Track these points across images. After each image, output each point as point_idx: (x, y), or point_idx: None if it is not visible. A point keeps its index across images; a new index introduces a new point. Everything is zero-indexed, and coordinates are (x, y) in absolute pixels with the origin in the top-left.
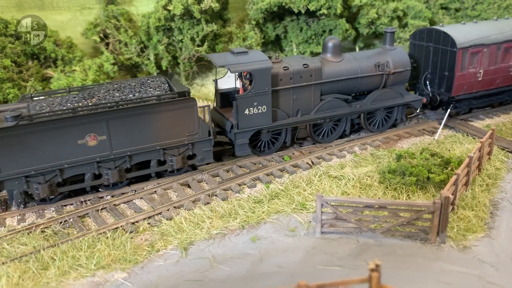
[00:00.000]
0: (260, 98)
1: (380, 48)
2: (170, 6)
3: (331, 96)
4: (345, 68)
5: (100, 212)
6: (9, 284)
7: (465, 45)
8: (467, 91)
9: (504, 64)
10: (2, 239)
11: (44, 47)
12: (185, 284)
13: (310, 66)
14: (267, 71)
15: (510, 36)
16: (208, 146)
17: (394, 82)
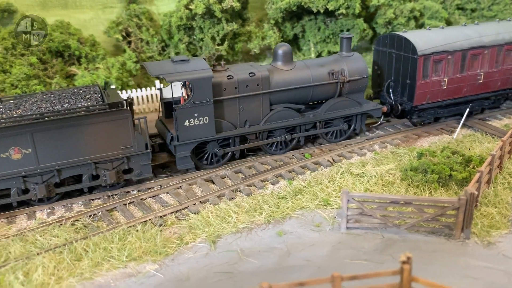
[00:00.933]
0: (201, 109)
1: (336, 55)
2: (192, 5)
3: (282, 106)
4: (296, 77)
5: (127, 206)
6: (45, 273)
7: (427, 52)
8: (431, 100)
9: (471, 72)
10: (34, 231)
11: (68, 44)
12: (215, 276)
13: (256, 75)
14: (207, 80)
15: (476, 43)
16: (146, 160)
17: (351, 90)
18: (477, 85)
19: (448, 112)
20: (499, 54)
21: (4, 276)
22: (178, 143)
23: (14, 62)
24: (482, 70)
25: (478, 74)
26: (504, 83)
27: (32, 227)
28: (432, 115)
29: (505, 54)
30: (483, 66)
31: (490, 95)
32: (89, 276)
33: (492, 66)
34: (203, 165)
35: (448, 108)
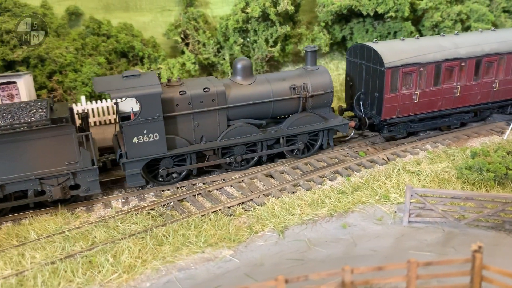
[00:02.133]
0: (150, 125)
1: (301, 69)
2: (248, 8)
3: (241, 121)
4: (255, 92)
5: (196, 197)
6: (131, 256)
7: (395, 64)
8: (401, 114)
9: (446, 85)
10: (114, 218)
11: (133, 46)
12: (287, 262)
13: (211, 90)
14: (155, 96)
15: (451, 55)
16: (93, 176)
17: (315, 105)
18: (454, 98)
19: (423, 126)
20: (478, 67)
21: (95, 258)
22: (126, 160)
23: (84, 61)
24: (459, 83)
25: (455, 87)
26: (484, 97)
27: (110, 215)
28: (405, 129)
29: (485, 67)
30: (460, 79)
31: (469, 109)
32: (171, 260)
33: (470, 79)
34: (158, 182)
35: (423, 122)
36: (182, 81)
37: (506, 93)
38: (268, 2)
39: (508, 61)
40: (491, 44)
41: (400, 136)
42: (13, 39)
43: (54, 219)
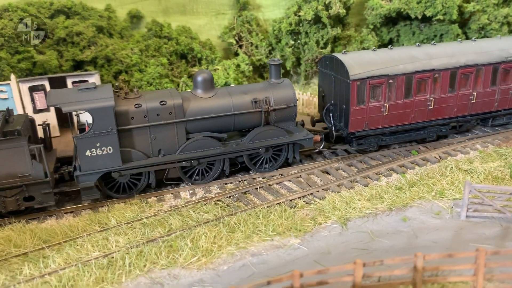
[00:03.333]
0: (103, 139)
1: (265, 82)
2: (301, 12)
3: (200, 135)
4: (216, 105)
5: (258, 190)
6: (207, 242)
7: (362, 76)
8: (370, 127)
9: (419, 98)
10: (186, 208)
11: (192, 48)
12: (353, 251)
13: (168, 103)
14: (107, 110)
15: (423, 66)
16: (47, 188)
17: (279, 119)
18: (428, 111)
19: (395, 139)
20: (454, 78)
21: (175, 242)
22: (79, 173)
23: (148, 62)
24: (433, 96)
25: (428, 99)
26: (462, 110)
27: (181, 204)
28: (375, 142)
29: (461, 78)
30: (434, 91)
31: (446, 121)
32: (244, 246)
33: (445, 91)
34: (114, 194)
35: (396, 135)
36: (140, 94)
37: (485, 106)
38: (321, 5)
39: (486, 73)
40: (468, 55)
41: (371, 150)
42: (82, 41)
43: (131, 208)
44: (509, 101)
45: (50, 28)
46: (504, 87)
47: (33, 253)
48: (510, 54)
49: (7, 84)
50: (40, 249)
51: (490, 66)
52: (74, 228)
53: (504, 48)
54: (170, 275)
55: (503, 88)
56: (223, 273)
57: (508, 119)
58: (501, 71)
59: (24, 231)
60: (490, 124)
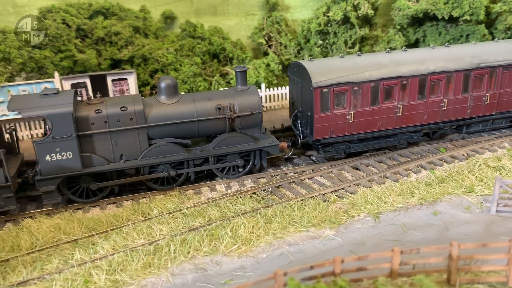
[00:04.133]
0: (63, 144)
1: (231, 88)
2: (330, 12)
3: (164, 141)
4: (179, 111)
5: (291, 184)
6: (246, 231)
7: (325, 83)
8: (335, 134)
9: (386, 105)
10: (223, 200)
11: (224, 47)
12: (387, 242)
13: (129, 109)
14: (65, 115)
15: (390, 73)
16: (8, 193)
17: (244, 125)
18: (396, 118)
19: (363, 146)
20: (423, 85)
21: (216, 231)
22: (40, 177)
23: (182, 61)
24: (401, 103)
25: (396, 106)
26: (433, 117)
27: (217, 197)
28: (342, 149)
29: (430, 85)
30: (403, 98)
31: (416, 128)
32: (281, 236)
33: (414, 98)
34: (77, 199)
35: (364, 142)
36: (103, 100)
37: (458, 113)
38: (349, 6)
39: (457, 79)
40: (438, 62)
41: (338, 157)
42: (120, 41)
43: (171, 199)
44: (483, 108)
45: (89, 28)
46: (477, 94)
47: (82, 240)
48: (483, 61)
49: (51, 81)
50: (88, 236)
51: (461, 73)
52: (118, 217)
53: (477, 55)
54: (213, 261)
55: (475, 95)
56: (262, 261)
57: (484, 126)
58: (473, 78)
59: (72, 220)
60: (464, 131)
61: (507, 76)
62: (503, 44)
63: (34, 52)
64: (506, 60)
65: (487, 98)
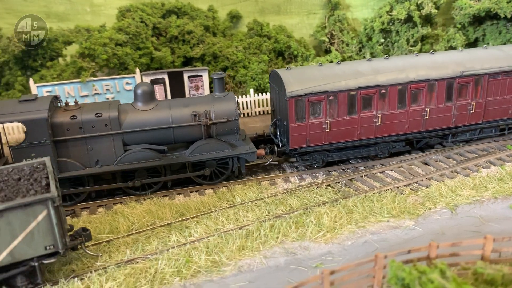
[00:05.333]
0: (38, 149)
1: (209, 95)
2: (394, 11)
3: (139, 147)
4: (154, 117)
5: (363, 178)
6: (329, 220)
7: (299, 93)
8: (312, 143)
9: (364, 114)
10: (301, 191)
11: (289, 45)
12: (467, 233)
13: (103, 116)
14: (40, 121)
15: (367, 82)
16: None
17: (221, 132)
18: (375, 127)
19: (343, 155)
20: (403, 94)
21: (301, 219)
22: None
23: (250, 59)
24: (380, 112)
25: (375, 116)
26: (414, 126)
27: (293, 188)
28: (321, 158)
29: (411, 94)
30: (382, 107)
31: (397, 138)
32: (363, 225)
33: (393, 107)
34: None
35: (343, 151)
36: (80, 106)
37: (441, 122)
38: (413, 5)
39: (440, 88)
40: (419, 70)
41: (318, 166)
42: (193, 39)
43: (251, 189)
44: (469, 117)
45: (163, 27)
46: (461, 103)
47: (175, 223)
48: (467, 69)
49: (132, 77)
50: (181, 220)
51: (443, 81)
52: (205, 204)
53: (461, 62)
54: (301, 246)
55: (460, 104)
56: (348, 247)
57: (472, 135)
58: (457, 86)
59: (163, 205)
60: (450, 140)
61: (493, 84)
62: (491, 51)
63: (117, 49)
64: (492, 68)
65: (472, 107)
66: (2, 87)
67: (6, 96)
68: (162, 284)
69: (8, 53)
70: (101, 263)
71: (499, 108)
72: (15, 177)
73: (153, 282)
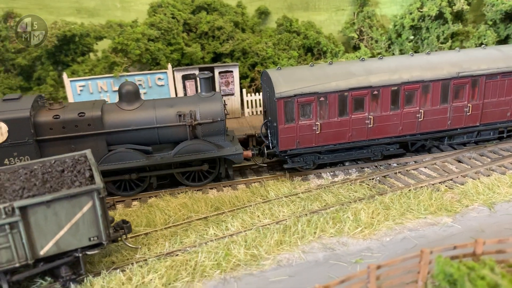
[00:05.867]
0: (20, 148)
1: (196, 95)
2: (425, 8)
3: (124, 147)
4: (138, 117)
5: (397, 175)
6: (366, 216)
7: (289, 94)
8: (302, 145)
9: (356, 116)
10: (335, 187)
11: (319, 41)
12: (506, 231)
13: (86, 115)
14: (23, 120)
15: (358, 83)
16: None
17: (206, 133)
18: (368, 129)
19: (334, 157)
20: (396, 96)
21: (338, 215)
22: None
23: (280, 55)
24: (372, 113)
25: (367, 117)
26: (408, 128)
27: (326, 184)
28: (312, 160)
29: (404, 96)
30: (374, 109)
31: (391, 140)
32: (400, 222)
33: (386, 109)
34: None
35: (335, 153)
36: (64, 105)
37: (437, 124)
38: (445, 1)
39: (434, 89)
40: (413, 71)
41: (308, 168)
42: (223, 35)
43: (284, 184)
44: (465, 120)
45: (193, 23)
46: (457, 105)
47: (211, 217)
48: (463, 70)
49: (164, 72)
50: (217, 214)
51: (438, 83)
52: (240, 198)
53: (457, 63)
54: (339, 242)
55: (456, 106)
56: (387, 243)
57: (469, 137)
58: (452, 88)
59: (198, 199)
60: (446, 143)
61: (491, 85)
62: (489, 51)
63: (149, 44)
64: (489, 68)
65: (469, 109)
66: (34, 82)
67: (38, 90)
68: (203, 277)
69: (41, 48)
70: (140, 255)
71: (497, 110)
72: (59, 169)
73: (193, 274)
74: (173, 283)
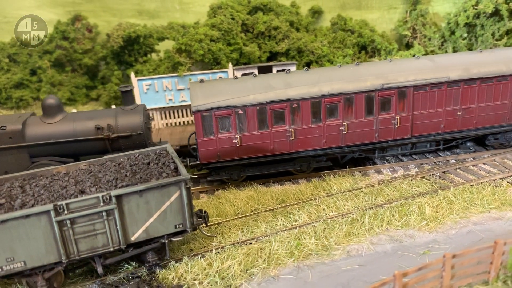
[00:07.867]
0: None
1: (117, 108)
2: (480, 5)
3: (47, 159)
4: (58, 131)
5: (456, 171)
6: (431, 210)
7: (205, 107)
8: (224, 158)
9: (276, 128)
10: (397, 182)
11: (373, 39)
12: None
13: (7, 129)
14: None
15: (278, 96)
16: None
17: (128, 146)
18: (289, 142)
19: (259, 170)
20: (317, 108)
21: (403, 208)
22: None
23: (335, 53)
24: (293, 126)
25: (287, 130)
26: (333, 141)
27: (386, 179)
28: (236, 173)
29: (325, 108)
30: (295, 122)
31: (316, 153)
32: (464, 216)
33: (307, 122)
34: None
35: (260, 166)
36: None
37: (363, 137)
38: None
39: (358, 102)
40: (334, 84)
41: (235, 180)
42: (279, 34)
43: (346, 179)
44: (394, 132)
45: (251, 23)
46: (384, 117)
47: (278, 209)
48: (389, 81)
49: (225, 71)
50: (284, 206)
51: (362, 95)
52: (303, 192)
53: (383, 75)
54: (406, 234)
55: (383, 118)
56: (453, 236)
57: (404, 149)
58: (378, 100)
59: (263, 192)
60: (377, 155)
61: (420, 97)
62: (421, 61)
63: (211, 45)
64: (417, 80)
65: (397, 121)
66: (98, 81)
67: (103, 89)
68: (278, 264)
69: (107, 49)
70: (216, 243)
71: (429, 122)
72: (145, 162)
73: (269, 261)
74: (250, 269)
